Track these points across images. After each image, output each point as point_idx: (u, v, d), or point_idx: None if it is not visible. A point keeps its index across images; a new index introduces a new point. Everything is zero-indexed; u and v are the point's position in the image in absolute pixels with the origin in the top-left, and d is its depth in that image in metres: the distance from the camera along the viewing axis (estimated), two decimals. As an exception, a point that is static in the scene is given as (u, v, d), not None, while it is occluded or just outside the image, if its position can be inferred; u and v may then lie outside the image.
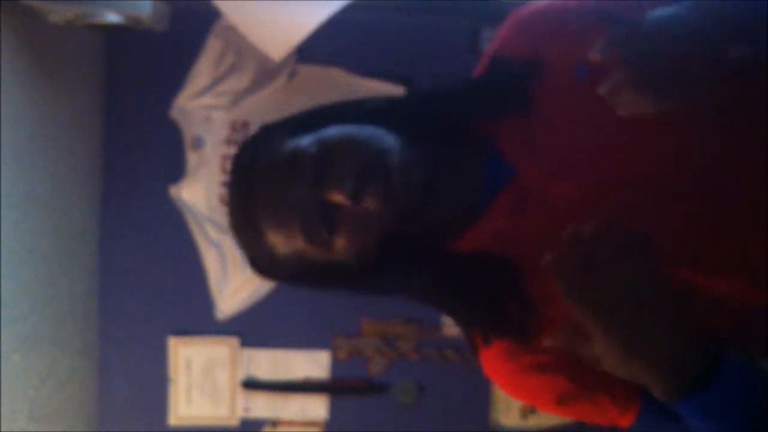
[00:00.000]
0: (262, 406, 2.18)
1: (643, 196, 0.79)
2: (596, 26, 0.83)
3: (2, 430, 1.52)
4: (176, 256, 2.14)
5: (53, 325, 1.80)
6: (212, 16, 1.99)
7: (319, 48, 2.04)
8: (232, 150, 2.14)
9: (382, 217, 0.79)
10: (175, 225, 2.13)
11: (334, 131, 0.83)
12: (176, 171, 2.12)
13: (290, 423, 2.18)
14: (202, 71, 2.10)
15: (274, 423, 2.18)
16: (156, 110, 2.10)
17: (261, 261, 0.86)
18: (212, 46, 2.10)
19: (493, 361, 0.87)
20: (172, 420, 2.17)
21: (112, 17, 1.60)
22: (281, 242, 0.82)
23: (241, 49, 2.06)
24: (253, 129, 2.21)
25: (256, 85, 2.12)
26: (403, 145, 0.82)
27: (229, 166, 2.21)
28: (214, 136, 2.13)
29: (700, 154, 0.79)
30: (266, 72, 2.10)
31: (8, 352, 1.56)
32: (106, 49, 2.09)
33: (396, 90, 2.14)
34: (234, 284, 2.13)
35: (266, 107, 2.14)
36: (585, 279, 0.66)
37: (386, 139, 0.82)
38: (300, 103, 2.17)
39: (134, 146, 2.12)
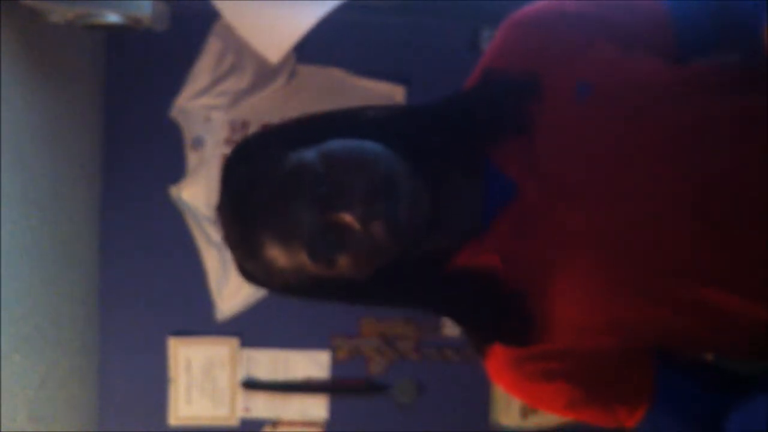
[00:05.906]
0: (262, 406, 2.18)
1: (650, 218, 0.79)
2: (598, 38, 0.82)
3: (2, 430, 1.52)
4: (176, 256, 2.14)
5: (53, 325, 1.80)
6: (212, 16, 1.99)
7: (318, 48, 2.04)
8: (232, 150, 2.14)
9: (386, 246, 0.78)
10: (175, 225, 2.13)
11: (337, 146, 0.80)
12: (176, 171, 2.12)
13: (290, 423, 2.18)
14: (202, 71, 2.10)
15: (274, 423, 2.18)
16: (156, 110, 2.10)
17: (256, 272, 0.84)
18: (212, 46, 2.10)
19: (499, 369, 0.86)
20: (172, 420, 2.17)
21: (112, 17, 1.60)
22: (282, 257, 0.79)
23: (241, 49, 2.05)
24: (254, 129, 2.22)
25: (256, 85, 2.12)
26: (408, 167, 0.80)
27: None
28: (214, 136, 2.13)
29: (705, 173, 0.78)
30: (266, 72, 2.10)
31: (8, 352, 1.56)
32: (106, 49, 2.09)
33: (396, 90, 2.14)
34: (234, 284, 2.13)
35: (266, 107, 2.13)
36: None
37: (393, 160, 0.79)
38: (300, 103, 2.19)
39: (134, 146, 2.12)
